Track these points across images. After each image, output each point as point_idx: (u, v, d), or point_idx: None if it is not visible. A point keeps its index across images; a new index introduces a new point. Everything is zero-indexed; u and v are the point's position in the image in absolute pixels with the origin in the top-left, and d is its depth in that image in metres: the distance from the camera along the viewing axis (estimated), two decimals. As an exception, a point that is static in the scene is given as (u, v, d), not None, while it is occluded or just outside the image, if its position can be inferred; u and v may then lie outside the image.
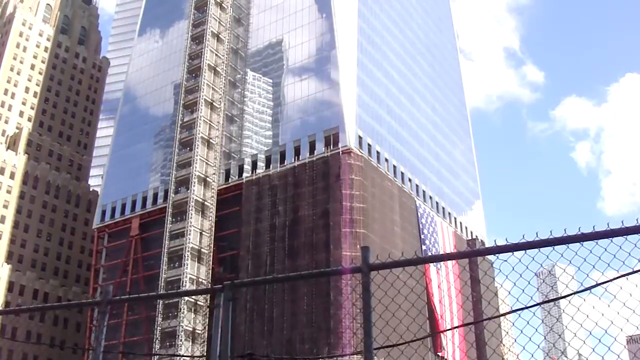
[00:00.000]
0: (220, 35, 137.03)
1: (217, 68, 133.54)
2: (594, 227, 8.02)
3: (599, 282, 8.53)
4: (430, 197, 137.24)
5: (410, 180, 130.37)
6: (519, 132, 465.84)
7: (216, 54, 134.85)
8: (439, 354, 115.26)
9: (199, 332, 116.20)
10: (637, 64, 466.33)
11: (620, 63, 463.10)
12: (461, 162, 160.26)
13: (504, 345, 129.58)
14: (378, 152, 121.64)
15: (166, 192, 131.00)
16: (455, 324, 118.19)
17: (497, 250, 8.43)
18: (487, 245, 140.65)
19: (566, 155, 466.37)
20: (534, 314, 9.20)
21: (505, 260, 8.71)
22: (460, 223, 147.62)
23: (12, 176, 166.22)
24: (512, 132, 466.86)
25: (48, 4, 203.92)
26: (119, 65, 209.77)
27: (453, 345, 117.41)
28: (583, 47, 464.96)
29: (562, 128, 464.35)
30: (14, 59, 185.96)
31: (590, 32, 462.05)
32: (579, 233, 8.12)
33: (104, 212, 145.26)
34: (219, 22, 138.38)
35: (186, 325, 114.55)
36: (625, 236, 7.99)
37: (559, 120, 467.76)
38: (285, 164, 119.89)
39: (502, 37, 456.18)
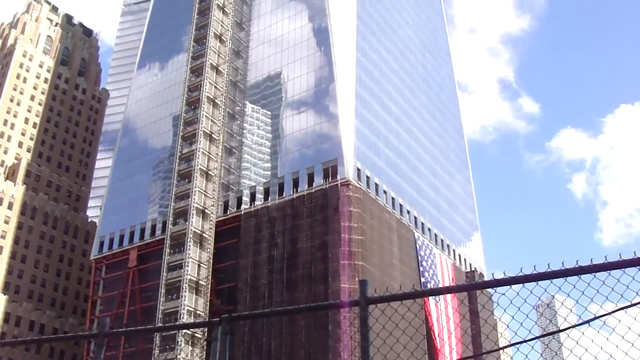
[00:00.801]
0: (219, 68, 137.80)
1: (216, 100, 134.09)
2: (591, 260, 8.04)
3: (597, 315, 8.51)
4: (429, 229, 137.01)
5: (408, 212, 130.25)
6: (515, 164, 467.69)
7: (215, 86, 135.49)
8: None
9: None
10: (631, 95, 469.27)
11: (615, 94, 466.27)
12: (459, 194, 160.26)
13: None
14: (376, 184, 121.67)
15: (164, 223, 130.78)
16: (454, 358, 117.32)
17: (496, 283, 8.42)
18: (486, 277, 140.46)
19: (563, 187, 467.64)
20: (533, 347, 9.16)
21: (504, 294, 8.70)
22: (459, 255, 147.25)
23: (10, 206, 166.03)
24: (508, 163, 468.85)
25: (49, 36, 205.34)
26: (118, 97, 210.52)
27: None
28: (577, 79, 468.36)
29: (558, 159, 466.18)
30: (14, 89, 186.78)
31: (584, 64, 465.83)
32: (577, 266, 8.12)
33: (101, 243, 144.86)
34: (218, 55, 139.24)
35: (183, 358, 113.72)
36: (623, 269, 8.00)
37: (554, 151, 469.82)
38: (284, 196, 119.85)
39: (497, 69, 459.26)
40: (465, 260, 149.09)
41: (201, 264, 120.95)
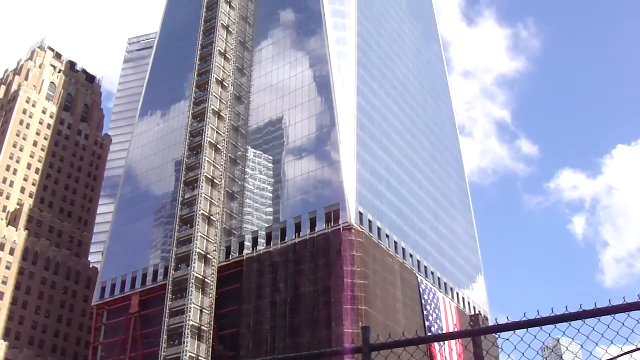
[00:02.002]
0: (221, 113, 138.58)
1: (218, 145, 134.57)
2: (595, 304, 7.98)
3: (603, 359, 8.42)
4: (432, 273, 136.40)
5: (411, 256, 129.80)
6: (515, 206, 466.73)
7: (217, 132, 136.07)
8: None
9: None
10: (628, 135, 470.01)
11: (612, 135, 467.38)
12: (462, 237, 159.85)
13: None
14: (379, 228, 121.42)
15: (166, 269, 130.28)
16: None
17: (499, 329, 8.35)
18: (490, 320, 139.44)
19: (563, 228, 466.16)
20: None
21: (508, 339, 8.62)
22: (463, 298, 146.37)
23: (12, 252, 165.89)
24: (508, 205, 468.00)
25: (52, 83, 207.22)
26: (120, 143, 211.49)
27: None
28: (574, 119, 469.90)
29: (558, 201, 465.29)
30: (17, 136, 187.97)
31: (580, 104, 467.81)
32: (581, 310, 8.06)
33: (103, 289, 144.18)
34: (220, 101, 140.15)
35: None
36: (627, 312, 7.94)
37: (554, 192, 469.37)
38: (286, 240, 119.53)
39: (493, 111, 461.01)
40: (469, 303, 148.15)
41: (203, 310, 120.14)
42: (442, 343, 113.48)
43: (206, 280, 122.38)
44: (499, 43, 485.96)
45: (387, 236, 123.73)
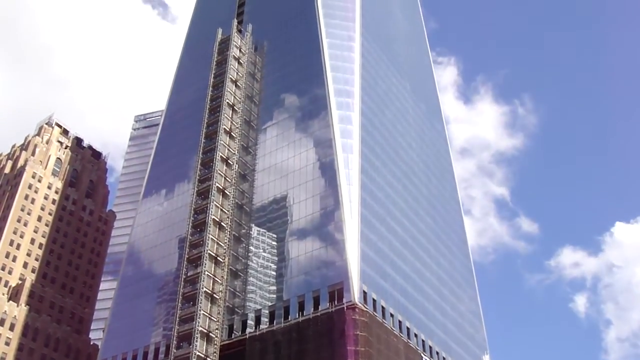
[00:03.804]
0: (225, 191, 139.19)
1: (222, 223, 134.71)
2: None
3: None
4: (437, 352, 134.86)
5: (416, 335, 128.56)
6: (516, 284, 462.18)
7: (221, 209, 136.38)
8: None
9: None
10: (626, 213, 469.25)
11: (610, 212, 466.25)
12: (467, 315, 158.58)
13: None
14: (383, 308, 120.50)
15: (168, 347, 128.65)
16: None
17: None
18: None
19: (565, 306, 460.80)
20: None
21: None
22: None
23: (12, 328, 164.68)
24: (509, 284, 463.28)
25: (59, 158, 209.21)
26: (124, 219, 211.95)
27: None
28: (573, 196, 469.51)
29: (559, 279, 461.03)
30: (22, 210, 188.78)
31: (578, 181, 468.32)
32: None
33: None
34: (225, 178, 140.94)
35: None
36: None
37: (554, 270, 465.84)
38: (290, 319, 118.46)
39: (492, 188, 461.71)
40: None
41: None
42: None
43: (208, 358, 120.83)
44: (495, 120, 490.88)
45: (392, 315, 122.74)
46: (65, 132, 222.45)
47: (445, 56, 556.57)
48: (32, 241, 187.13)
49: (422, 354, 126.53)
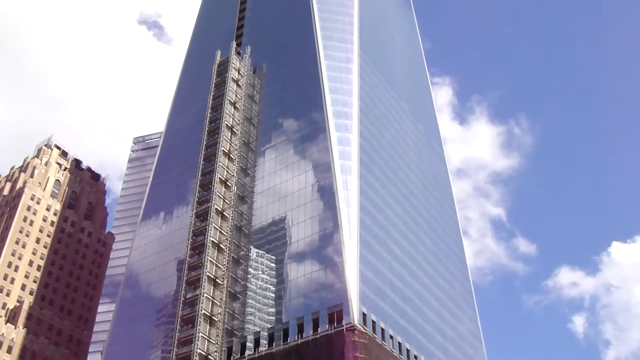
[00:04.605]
0: (224, 213, 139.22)
1: (220, 245, 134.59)
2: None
3: None
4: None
5: (416, 357, 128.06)
6: (514, 305, 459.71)
7: (220, 231, 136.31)
8: None
9: None
10: (622, 232, 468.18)
11: (606, 231, 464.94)
12: (467, 337, 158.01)
13: None
14: (382, 329, 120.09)
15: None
16: None
17: None
18: None
19: (563, 327, 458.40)
20: None
21: None
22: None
23: (9, 350, 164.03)
24: (507, 305, 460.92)
25: (57, 180, 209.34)
26: (123, 241, 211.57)
27: None
28: (570, 216, 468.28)
29: (557, 299, 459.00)
30: (20, 232, 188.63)
31: (575, 201, 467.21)
32: None
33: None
34: (224, 200, 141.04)
35: None
36: None
37: (552, 291, 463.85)
38: (289, 341, 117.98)
39: (488, 209, 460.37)
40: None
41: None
42: None
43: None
44: (491, 140, 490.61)
45: (391, 337, 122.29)
46: (64, 154, 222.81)
47: (440, 76, 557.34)
48: (31, 263, 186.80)
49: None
